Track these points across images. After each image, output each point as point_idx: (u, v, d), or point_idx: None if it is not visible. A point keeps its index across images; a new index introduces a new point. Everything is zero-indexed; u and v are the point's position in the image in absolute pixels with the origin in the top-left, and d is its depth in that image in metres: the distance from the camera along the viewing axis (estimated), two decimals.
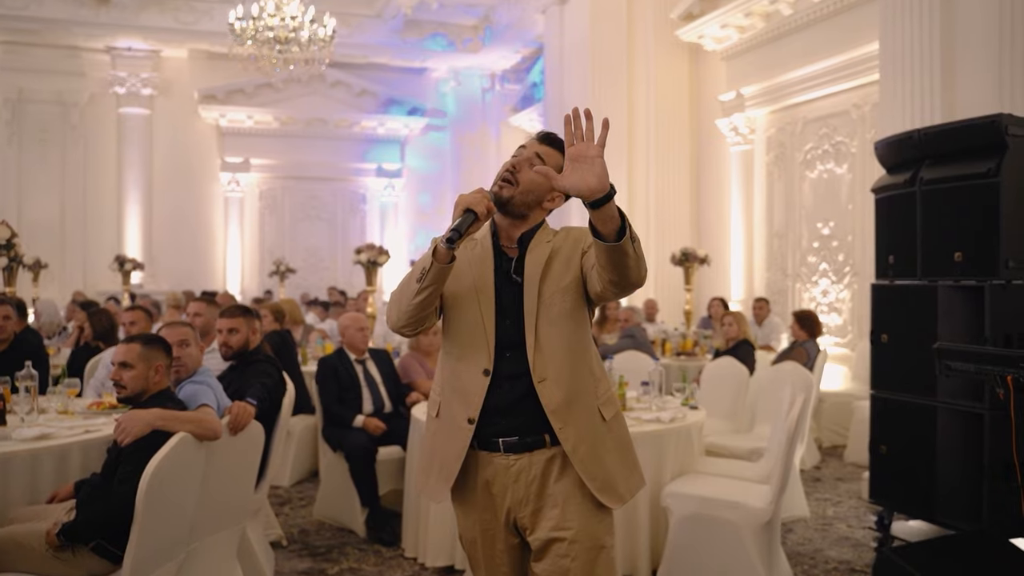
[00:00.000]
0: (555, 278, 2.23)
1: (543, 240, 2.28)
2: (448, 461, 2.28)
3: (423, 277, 2.11)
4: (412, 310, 2.17)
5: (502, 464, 2.25)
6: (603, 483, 2.23)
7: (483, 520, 2.30)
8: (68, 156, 14.27)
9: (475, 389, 2.23)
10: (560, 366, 2.21)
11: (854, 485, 6.07)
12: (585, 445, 2.22)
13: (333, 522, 5.17)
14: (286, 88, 15.14)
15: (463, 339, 2.27)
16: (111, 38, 13.88)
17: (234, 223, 15.46)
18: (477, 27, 15.27)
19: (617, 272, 1.99)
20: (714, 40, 9.81)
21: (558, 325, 2.22)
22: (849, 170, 8.27)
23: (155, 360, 3.13)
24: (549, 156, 2.22)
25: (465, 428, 2.24)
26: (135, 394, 3.10)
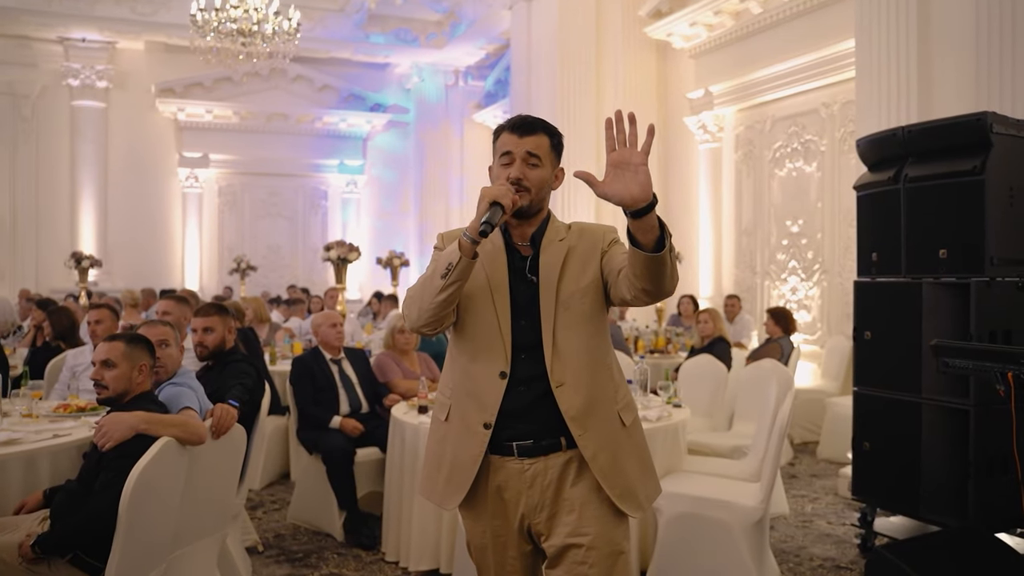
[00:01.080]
0: (572, 278, 2.17)
1: (556, 238, 2.22)
2: (461, 467, 2.19)
3: (448, 272, 2.01)
4: (435, 308, 2.07)
5: (515, 468, 2.17)
6: (623, 491, 2.16)
7: (494, 527, 2.22)
8: (19, 150, 13.82)
9: (491, 392, 2.15)
10: (578, 371, 2.14)
11: (829, 481, 6.10)
12: (606, 453, 2.15)
13: (309, 526, 5.04)
14: (246, 82, 14.84)
15: (477, 340, 2.18)
16: (64, 28, 13.47)
17: (192, 220, 15.13)
18: (442, 22, 15.13)
19: (652, 282, 1.95)
20: (683, 38, 9.81)
21: (576, 328, 2.15)
22: (818, 168, 8.33)
23: (139, 359, 2.99)
24: (538, 146, 2.15)
25: (480, 433, 2.16)
26: (117, 395, 2.95)
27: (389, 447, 4.56)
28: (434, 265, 2.09)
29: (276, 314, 10.90)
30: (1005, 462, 4.03)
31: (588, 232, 2.26)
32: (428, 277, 2.08)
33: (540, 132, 2.16)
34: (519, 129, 2.16)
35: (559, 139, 2.22)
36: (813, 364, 8.17)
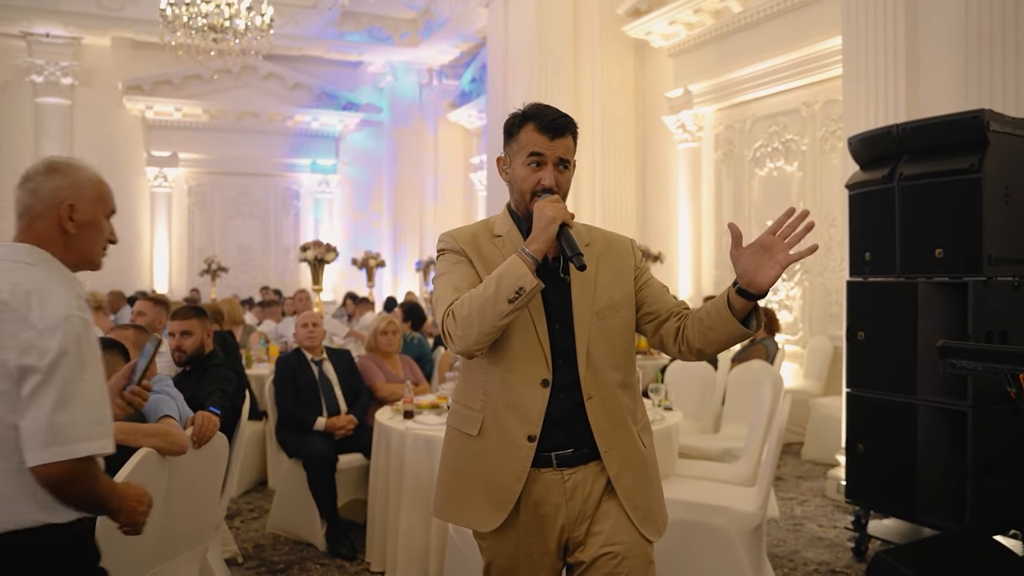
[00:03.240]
0: (605, 289, 2.11)
1: (580, 242, 2.08)
2: (503, 484, 2.05)
3: (519, 297, 1.89)
4: (496, 331, 1.95)
5: (554, 480, 2.07)
6: (645, 513, 2.11)
7: (527, 544, 2.09)
8: None
9: (534, 402, 2.04)
10: (606, 385, 2.08)
11: (816, 483, 6.05)
12: (630, 473, 2.10)
13: (290, 535, 4.88)
14: (217, 80, 14.54)
15: (514, 347, 2.04)
16: (27, 23, 13.11)
17: (161, 220, 14.83)
18: (416, 20, 14.96)
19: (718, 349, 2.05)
20: (661, 37, 9.74)
21: (608, 341, 2.09)
22: (799, 168, 8.30)
23: (114, 367, 2.82)
24: (568, 150, 2.08)
25: (524, 447, 2.04)
26: None
27: (373, 453, 4.41)
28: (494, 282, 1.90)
29: (250, 316, 10.69)
30: (1004, 464, 3.99)
31: (615, 242, 2.21)
32: (490, 298, 1.90)
33: (568, 134, 2.08)
34: (551, 131, 2.04)
35: (577, 133, 2.13)
36: (795, 364, 8.14)
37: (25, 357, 1.74)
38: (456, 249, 2.12)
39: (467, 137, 16.81)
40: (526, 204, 2.08)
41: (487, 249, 2.11)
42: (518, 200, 2.12)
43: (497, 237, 2.13)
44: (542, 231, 1.93)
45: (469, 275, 2.07)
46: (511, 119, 2.11)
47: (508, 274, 1.90)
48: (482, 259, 2.10)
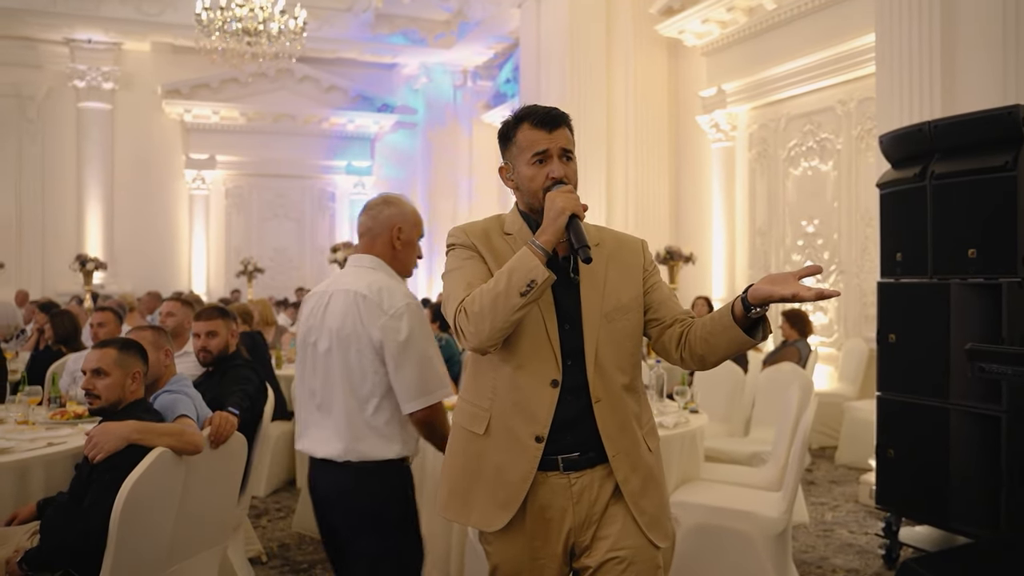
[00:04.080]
0: (615, 291, 2.07)
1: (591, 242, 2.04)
2: (509, 484, 2.02)
3: (531, 290, 1.85)
4: (509, 326, 1.91)
5: (560, 484, 2.03)
6: (652, 519, 2.07)
7: (533, 548, 2.05)
8: (25, 152, 13.74)
9: (542, 402, 2.00)
10: (614, 388, 2.04)
11: (850, 488, 5.92)
12: (637, 477, 2.06)
13: (314, 535, 4.87)
14: (253, 83, 14.75)
15: (523, 346, 2.01)
16: (69, 29, 13.38)
17: (199, 222, 15.03)
18: (450, 22, 14.99)
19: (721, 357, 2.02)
20: (694, 35, 9.65)
21: (617, 343, 2.05)
22: (834, 167, 8.15)
23: (132, 367, 2.84)
24: (568, 140, 2.05)
25: (531, 447, 2.00)
26: (110, 405, 2.81)
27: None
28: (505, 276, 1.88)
29: (283, 317, 10.79)
30: None
31: (625, 243, 2.18)
32: (502, 292, 1.87)
33: (564, 124, 2.05)
34: (547, 124, 2.02)
35: (572, 125, 2.10)
36: (830, 367, 8.00)
37: (384, 335, 2.47)
38: (467, 244, 2.08)
39: None
40: (540, 201, 2.02)
41: (498, 245, 2.08)
42: (530, 201, 2.07)
43: (508, 235, 2.09)
44: (552, 221, 1.89)
45: (481, 271, 2.03)
46: (504, 125, 2.08)
47: (519, 267, 1.87)
48: (493, 254, 2.06)
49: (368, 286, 2.50)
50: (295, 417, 2.79)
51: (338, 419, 2.50)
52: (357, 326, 2.47)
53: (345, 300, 2.51)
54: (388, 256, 2.63)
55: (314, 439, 2.57)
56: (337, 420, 2.50)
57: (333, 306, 2.53)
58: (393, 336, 2.46)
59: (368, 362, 2.48)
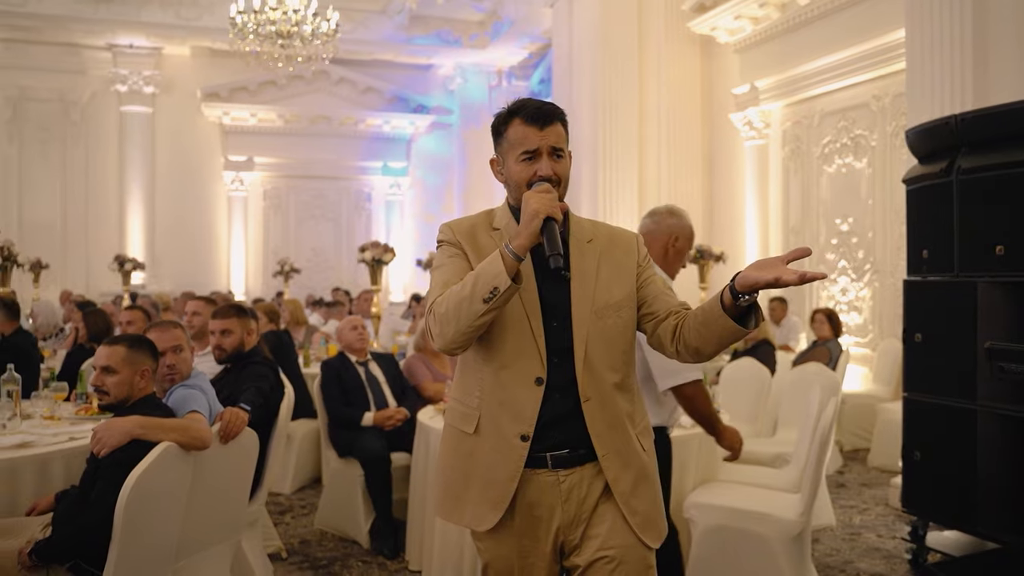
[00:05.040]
0: (606, 287, 2.04)
1: (583, 238, 2.08)
2: (497, 483, 2.01)
3: (494, 298, 1.83)
4: (474, 331, 1.90)
5: (549, 481, 2.01)
6: (644, 518, 2.04)
7: (522, 547, 2.04)
8: (69, 155, 14.06)
9: (527, 401, 1.98)
10: (604, 387, 2.02)
11: (880, 491, 5.80)
12: (628, 476, 2.04)
13: (336, 532, 4.93)
14: (290, 85, 14.92)
15: (507, 344, 1.99)
16: (112, 35, 13.66)
17: (238, 223, 15.24)
18: (484, 23, 15.01)
19: (716, 349, 1.97)
20: (727, 32, 9.54)
21: (608, 341, 2.03)
22: (869, 164, 8.00)
23: (141, 364, 2.88)
24: (560, 137, 2.00)
25: (518, 446, 1.99)
26: (119, 401, 2.85)
27: (414, 453, 4.43)
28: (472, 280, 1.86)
29: (316, 316, 10.89)
30: None
31: (618, 238, 2.14)
32: (467, 297, 1.86)
33: (558, 121, 2.00)
34: (538, 120, 1.98)
35: (566, 121, 2.06)
36: (864, 368, 7.85)
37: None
38: (453, 241, 2.07)
39: None
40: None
41: (484, 242, 2.06)
42: (517, 196, 2.04)
43: (495, 230, 2.08)
44: (526, 225, 1.85)
45: (462, 270, 2.00)
46: (496, 118, 2.06)
47: (484, 272, 1.84)
48: (477, 252, 2.03)
49: None
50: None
51: None
52: None
53: None
54: (659, 258, 3.09)
55: None
56: None
57: None
58: None
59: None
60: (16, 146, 13.74)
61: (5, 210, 13.34)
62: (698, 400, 3.04)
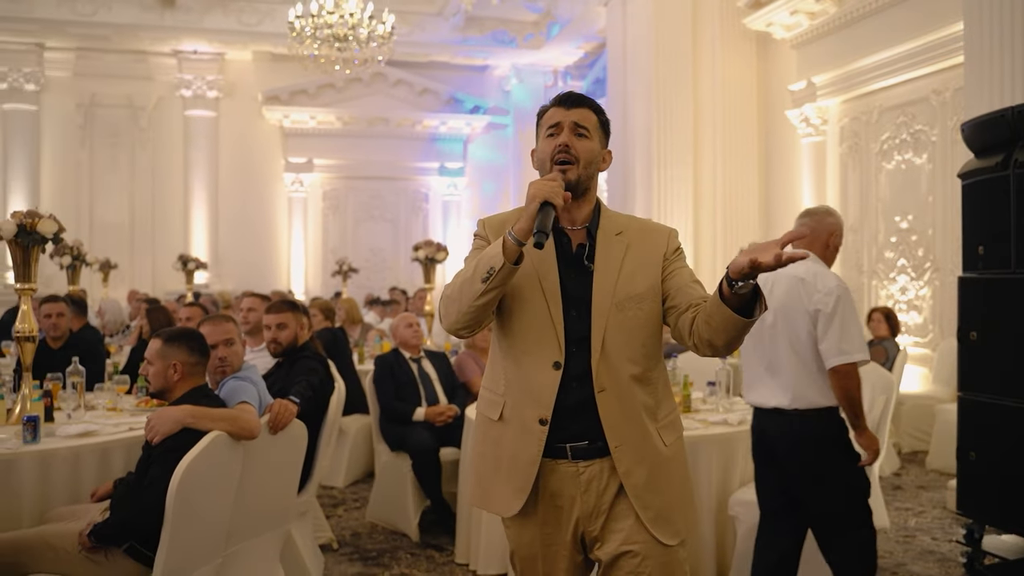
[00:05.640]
0: (629, 280, 2.05)
1: (613, 230, 2.10)
2: (520, 469, 2.05)
3: (490, 277, 1.89)
4: (474, 312, 1.95)
5: (570, 472, 2.04)
6: (657, 514, 2.03)
7: (545, 535, 2.07)
8: (137, 158, 14.50)
9: (546, 386, 2.02)
10: (621, 378, 2.02)
11: (938, 494, 5.68)
12: (642, 470, 2.03)
13: (386, 525, 5.03)
14: (348, 88, 15.13)
15: (527, 332, 2.05)
16: (176, 41, 14.05)
17: (298, 223, 15.52)
18: (539, 23, 15.04)
19: (727, 341, 1.93)
20: (783, 28, 9.40)
21: (628, 333, 2.03)
22: (929, 160, 7.81)
23: (172, 358, 2.99)
24: (586, 118, 2.07)
25: (537, 431, 2.03)
26: (158, 391, 2.99)
27: (463, 447, 4.49)
28: (475, 262, 1.96)
29: (372, 315, 11.07)
30: None
31: (650, 232, 2.14)
32: (468, 278, 1.94)
33: (587, 107, 2.08)
34: (566, 102, 2.08)
35: (606, 119, 2.14)
36: (924, 368, 7.67)
37: (817, 307, 3.15)
38: (482, 235, 2.15)
39: None
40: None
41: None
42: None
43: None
44: (525, 209, 1.91)
45: None
46: (540, 110, 2.15)
47: (486, 255, 1.91)
48: None
49: (806, 271, 3.22)
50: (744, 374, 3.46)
51: (787, 376, 3.20)
52: (797, 302, 3.19)
53: (788, 283, 3.22)
54: (820, 252, 3.33)
55: (763, 394, 3.29)
56: (786, 376, 3.21)
57: (777, 287, 3.23)
58: (823, 307, 3.14)
59: (806, 329, 3.17)
60: (87, 151, 14.23)
61: (77, 212, 13.81)
62: (853, 382, 3.16)
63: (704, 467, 3.86)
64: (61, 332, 5.09)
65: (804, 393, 3.19)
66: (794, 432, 3.21)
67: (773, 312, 3.21)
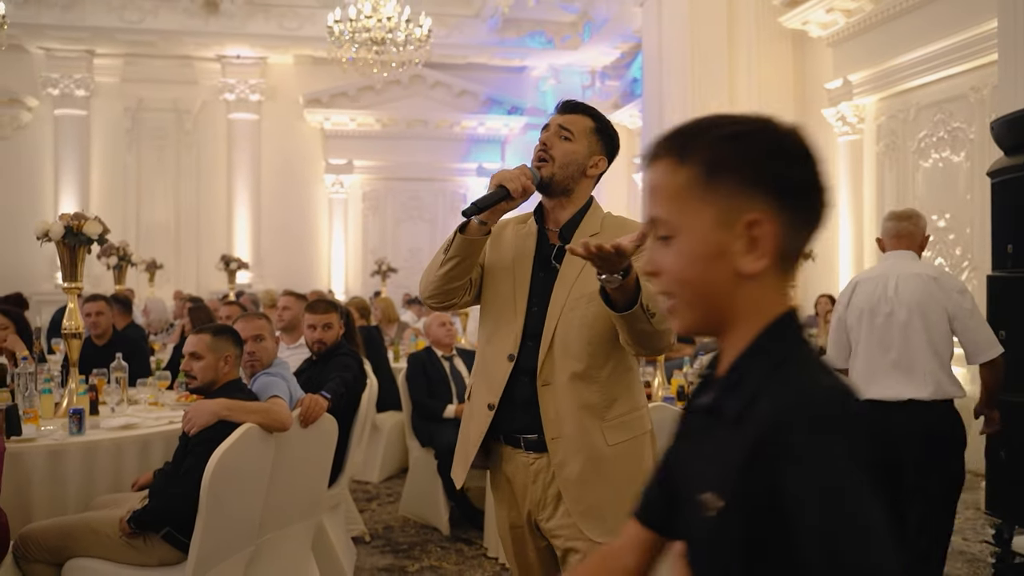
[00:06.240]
0: (585, 278, 2.06)
1: (590, 231, 2.13)
2: (468, 444, 2.19)
3: (448, 247, 2.05)
4: (437, 281, 2.10)
5: (523, 461, 2.14)
6: (588, 508, 2.05)
7: (511, 517, 2.20)
8: (182, 161, 14.86)
9: (499, 374, 2.13)
10: (567, 375, 2.06)
11: (971, 494, 5.60)
12: (577, 464, 2.06)
13: (418, 519, 5.14)
14: (387, 90, 15.34)
15: (494, 320, 2.18)
16: (220, 46, 14.38)
17: (338, 224, 15.76)
18: (575, 23, 15.09)
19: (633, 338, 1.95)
20: (819, 26, 9.35)
21: (579, 331, 2.07)
22: (967, 158, 7.72)
23: (224, 351, 3.13)
24: (574, 123, 2.14)
25: (485, 413, 2.14)
26: (205, 385, 3.11)
27: None
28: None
29: (409, 314, 11.22)
30: None
31: (621, 230, 2.10)
32: (438, 252, 2.11)
33: (582, 113, 2.16)
34: (561, 108, 2.19)
35: (606, 128, 2.19)
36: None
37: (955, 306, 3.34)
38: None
39: (630, 137, 16.70)
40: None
41: (508, 235, 2.23)
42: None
43: (521, 224, 2.24)
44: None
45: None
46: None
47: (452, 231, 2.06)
48: (498, 243, 2.22)
49: (934, 271, 3.51)
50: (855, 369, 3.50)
51: (925, 369, 3.35)
52: (934, 300, 3.34)
53: (920, 282, 3.38)
54: (918, 251, 3.54)
55: (893, 387, 3.37)
56: (924, 370, 3.35)
57: (905, 285, 3.38)
58: (961, 306, 3.34)
59: (942, 325, 3.35)
60: (135, 154, 14.62)
61: (125, 213, 14.20)
62: (999, 372, 3.46)
63: None
64: (102, 330, 5.28)
65: (941, 385, 3.38)
66: (930, 421, 3.38)
67: (908, 310, 3.35)
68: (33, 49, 13.85)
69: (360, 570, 4.31)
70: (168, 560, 2.89)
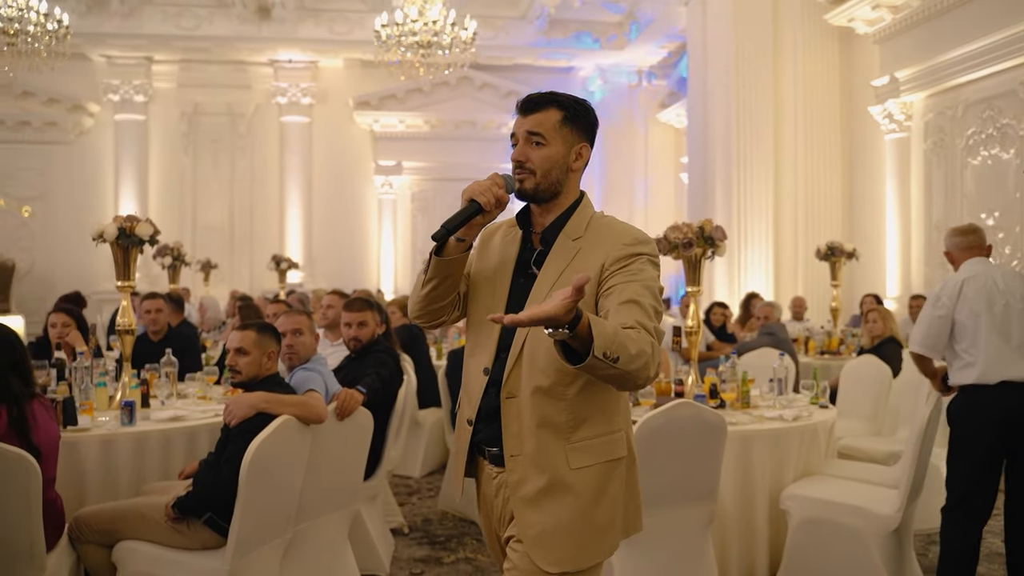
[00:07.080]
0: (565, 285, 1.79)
1: (573, 234, 2.00)
2: (457, 458, 2.13)
3: (426, 268, 1.97)
4: (421, 302, 2.02)
5: (490, 474, 2.05)
6: (539, 535, 1.92)
7: (487, 526, 2.15)
8: (236, 164, 15.26)
9: (476, 389, 2.04)
10: (533, 389, 1.93)
11: None
12: (533, 484, 1.93)
13: (456, 513, 5.26)
14: (435, 92, 15.53)
15: (476, 334, 2.08)
16: (272, 51, 14.73)
17: (387, 224, 16.02)
18: (622, 23, 15.10)
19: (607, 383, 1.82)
20: (865, 22, 9.26)
21: (544, 344, 1.88)
22: (1017, 155, 7.59)
23: (267, 347, 3.29)
24: (540, 123, 1.97)
25: (466, 429, 2.06)
26: (249, 379, 3.27)
27: None
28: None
29: None
30: None
31: (606, 237, 1.98)
32: (420, 271, 2.02)
33: (545, 107, 1.97)
34: (522, 108, 2.01)
35: (575, 111, 2.00)
36: None
37: None
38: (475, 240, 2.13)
39: (677, 136, 16.69)
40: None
41: (496, 241, 2.13)
42: None
43: (511, 228, 2.14)
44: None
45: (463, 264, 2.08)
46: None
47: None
48: (484, 249, 2.13)
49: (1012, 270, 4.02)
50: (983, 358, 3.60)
51: None
52: None
53: (1017, 277, 3.72)
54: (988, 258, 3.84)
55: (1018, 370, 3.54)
56: None
57: (1008, 281, 3.67)
58: None
59: None
60: (191, 157, 15.07)
61: (181, 215, 14.66)
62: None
63: (757, 461, 3.93)
64: (159, 327, 5.51)
65: None
66: None
67: (1021, 300, 3.62)
68: (95, 57, 14.36)
69: (397, 560, 4.44)
70: (210, 544, 3.05)
